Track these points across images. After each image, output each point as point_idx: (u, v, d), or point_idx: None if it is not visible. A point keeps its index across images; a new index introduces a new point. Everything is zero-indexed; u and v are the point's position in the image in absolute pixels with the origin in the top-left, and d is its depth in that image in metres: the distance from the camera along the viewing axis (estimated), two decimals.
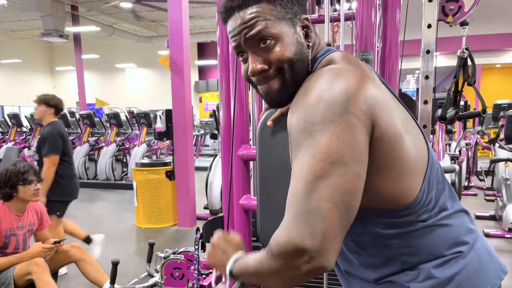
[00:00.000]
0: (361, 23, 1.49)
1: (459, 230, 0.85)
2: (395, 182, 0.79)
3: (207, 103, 17.24)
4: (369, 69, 0.84)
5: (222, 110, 1.92)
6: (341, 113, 0.70)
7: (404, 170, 0.79)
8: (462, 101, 4.38)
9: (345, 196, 0.69)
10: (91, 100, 13.43)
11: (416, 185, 0.80)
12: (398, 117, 0.79)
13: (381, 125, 0.75)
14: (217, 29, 1.90)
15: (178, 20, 4.88)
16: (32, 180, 2.57)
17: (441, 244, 0.82)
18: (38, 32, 13.11)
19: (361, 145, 0.72)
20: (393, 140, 0.76)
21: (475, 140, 7.37)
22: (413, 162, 0.80)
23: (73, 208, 2.64)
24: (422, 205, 0.81)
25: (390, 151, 0.77)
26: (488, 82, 13.56)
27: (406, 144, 0.78)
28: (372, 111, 0.74)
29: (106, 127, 9.21)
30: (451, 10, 1.78)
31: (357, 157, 0.71)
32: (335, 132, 0.70)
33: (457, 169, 4.71)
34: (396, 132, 0.77)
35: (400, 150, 0.77)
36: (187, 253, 2.60)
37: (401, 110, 0.83)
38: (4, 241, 2.51)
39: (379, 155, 0.76)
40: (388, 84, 0.90)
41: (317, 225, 0.67)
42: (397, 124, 0.77)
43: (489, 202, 5.96)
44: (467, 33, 1.93)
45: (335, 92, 0.72)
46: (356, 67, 0.80)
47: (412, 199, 0.80)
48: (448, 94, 2.07)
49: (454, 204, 0.87)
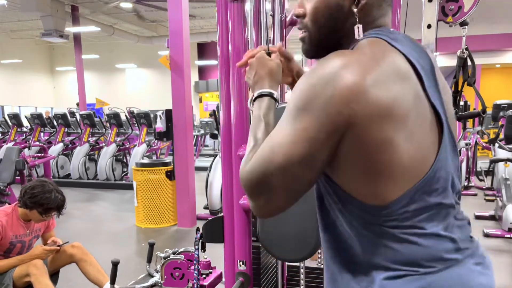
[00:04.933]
0: None
1: (427, 252, 0.77)
2: (368, 183, 0.76)
3: (207, 103, 17.25)
4: (392, 64, 0.77)
5: (222, 110, 1.92)
6: (321, 110, 0.73)
7: (384, 174, 0.75)
8: (462, 101, 4.38)
9: (291, 183, 0.79)
10: (91, 100, 13.43)
11: (393, 192, 0.76)
12: (398, 122, 0.74)
13: (361, 129, 0.72)
14: (217, 29, 1.90)
15: (178, 20, 4.88)
16: (49, 216, 2.53)
17: (401, 258, 0.77)
18: (38, 32, 13.11)
19: (322, 147, 0.75)
20: (374, 145, 0.73)
21: (475, 140, 7.37)
22: (400, 170, 0.75)
23: (74, 208, 2.64)
24: (393, 213, 0.77)
25: (367, 154, 0.74)
26: (488, 82, 13.56)
27: (397, 150, 0.74)
28: (353, 115, 0.72)
29: (106, 127, 9.22)
30: (451, 10, 1.78)
31: (308, 162, 0.76)
32: (302, 125, 0.75)
33: None
34: (382, 139, 0.73)
35: (383, 155, 0.74)
36: (187, 253, 2.60)
37: (415, 114, 0.76)
38: (8, 247, 2.50)
39: (346, 154, 0.75)
40: (434, 74, 0.85)
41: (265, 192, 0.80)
42: (388, 130, 0.73)
43: (489, 202, 5.97)
44: (467, 33, 1.93)
45: (327, 86, 0.73)
46: (369, 61, 0.75)
47: (385, 204, 0.76)
48: None
49: (437, 227, 0.78)
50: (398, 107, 0.74)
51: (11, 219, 2.48)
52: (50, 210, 2.48)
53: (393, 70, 0.76)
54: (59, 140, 8.75)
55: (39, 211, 2.45)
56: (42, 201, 2.42)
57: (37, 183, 2.50)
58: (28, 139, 8.89)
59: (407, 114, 0.75)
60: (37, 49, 18.90)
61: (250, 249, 1.89)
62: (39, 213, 2.46)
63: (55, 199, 2.46)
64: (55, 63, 20.03)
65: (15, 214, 2.51)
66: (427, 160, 0.77)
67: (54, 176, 8.10)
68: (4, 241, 2.45)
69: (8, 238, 2.47)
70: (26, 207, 2.45)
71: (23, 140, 8.86)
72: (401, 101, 0.75)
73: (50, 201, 2.44)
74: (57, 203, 2.48)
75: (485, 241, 4.35)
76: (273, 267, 2.32)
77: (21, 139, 8.90)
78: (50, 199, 2.44)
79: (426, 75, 0.81)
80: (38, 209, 2.44)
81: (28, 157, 5.89)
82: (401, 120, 0.74)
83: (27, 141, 8.54)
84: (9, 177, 5.15)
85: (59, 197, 2.50)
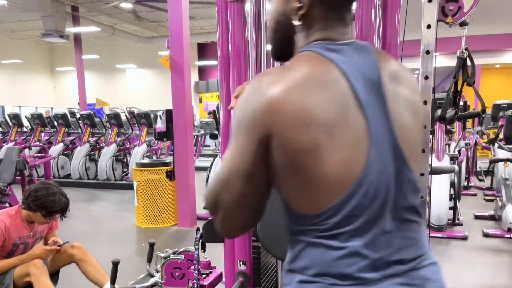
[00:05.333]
0: (361, 24, 1.50)
1: (339, 266, 0.77)
2: (298, 193, 0.79)
3: (207, 103, 17.25)
4: (313, 75, 0.79)
5: (222, 110, 1.92)
6: (248, 125, 0.78)
7: (309, 184, 0.77)
8: (462, 101, 4.39)
9: (230, 203, 0.83)
10: (91, 100, 13.44)
11: (319, 204, 0.77)
12: (318, 131, 0.74)
13: (282, 138, 0.75)
14: (217, 29, 1.90)
15: (178, 20, 4.89)
16: (53, 218, 2.53)
17: (316, 266, 0.78)
18: (38, 33, 13.11)
19: (255, 159, 0.79)
20: (297, 155, 0.75)
21: (475, 140, 7.37)
22: (324, 182, 0.75)
23: (74, 208, 2.64)
24: (316, 223, 0.78)
25: (293, 164, 0.76)
26: (487, 82, 13.56)
27: (320, 162, 0.74)
28: (274, 125, 0.76)
29: (106, 127, 9.22)
30: (450, 10, 1.78)
31: (246, 177, 0.80)
32: (238, 142, 0.80)
33: (456, 169, 4.73)
34: (303, 148, 0.74)
35: (306, 165, 0.75)
36: (187, 253, 2.60)
37: (343, 125, 0.76)
38: (11, 249, 2.50)
39: (277, 164, 0.79)
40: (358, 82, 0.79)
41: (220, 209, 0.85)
42: (309, 139, 0.74)
43: (489, 202, 5.97)
44: (466, 34, 1.94)
45: (252, 103, 0.78)
46: (288, 75, 0.78)
47: (311, 214, 0.78)
48: (448, 95, 2.08)
49: (357, 242, 0.76)
50: (317, 116, 0.75)
51: (14, 220, 2.48)
52: (54, 213, 2.47)
53: (314, 81, 0.78)
54: (59, 140, 8.75)
55: (43, 213, 2.44)
56: (46, 204, 2.41)
57: (41, 185, 2.49)
58: (29, 139, 8.89)
59: (328, 123, 0.75)
60: (37, 49, 18.89)
61: (250, 249, 1.89)
62: (43, 215, 2.45)
63: (59, 202, 2.45)
64: (56, 63, 20.03)
65: (19, 215, 2.51)
66: (354, 174, 0.76)
67: (54, 176, 8.10)
68: (7, 242, 2.45)
69: (12, 240, 2.47)
70: (30, 209, 2.44)
71: (23, 140, 8.86)
72: (321, 110, 0.75)
73: (54, 204, 2.43)
74: (61, 206, 2.46)
75: (484, 241, 4.35)
76: (273, 267, 2.32)
77: (22, 139, 8.91)
78: (54, 202, 2.43)
79: (364, 85, 0.79)
80: (42, 211, 2.43)
81: (28, 157, 5.88)
82: (322, 130, 0.75)
83: (27, 141, 8.55)
84: (10, 177, 5.14)
85: (63, 200, 2.49)
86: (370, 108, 0.78)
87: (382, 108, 0.80)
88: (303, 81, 0.77)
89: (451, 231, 4.54)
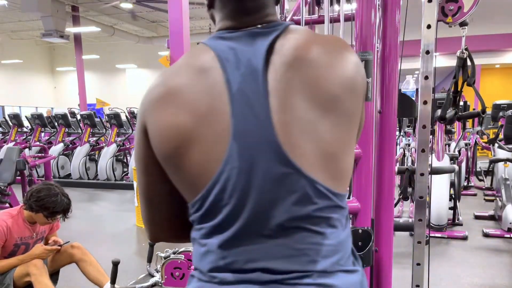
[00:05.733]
0: (361, 24, 1.50)
1: (196, 260, 0.77)
2: (176, 182, 0.78)
3: None
4: (191, 66, 0.76)
5: None
6: (137, 124, 0.80)
7: (178, 173, 0.76)
8: (462, 101, 4.39)
9: (144, 198, 0.85)
10: (91, 100, 13.44)
11: (189, 197, 0.76)
12: (186, 121, 0.71)
13: (150, 124, 0.76)
14: None
15: (178, 20, 4.89)
16: (55, 219, 2.54)
17: (194, 257, 0.79)
18: (38, 33, 13.12)
19: (143, 154, 0.80)
20: (161, 140, 0.75)
21: (475, 140, 7.37)
22: (188, 178, 0.74)
23: (74, 208, 2.64)
24: (191, 215, 0.78)
25: (158, 151, 0.76)
26: (487, 83, 13.57)
27: (184, 158, 0.72)
28: (147, 122, 0.76)
29: (106, 127, 9.22)
30: (450, 10, 1.78)
31: (143, 167, 0.82)
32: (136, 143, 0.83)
33: (456, 169, 4.73)
34: (166, 134, 0.73)
35: (173, 159, 0.74)
36: (187, 253, 2.60)
37: (210, 119, 0.71)
38: (13, 249, 2.50)
39: (155, 152, 0.78)
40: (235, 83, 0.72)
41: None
42: (172, 126, 0.72)
43: (489, 202, 5.97)
44: (466, 34, 1.94)
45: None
46: (169, 67, 0.80)
47: (188, 204, 0.78)
48: (448, 95, 2.08)
49: (212, 240, 0.74)
50: (183, 103, 0.72)
51: (16, 221, 2.48)
52: (56, 214, 2.47)
53: (185, 69, 0.76)
54: (59, 140, 8.75)
55: (45, 214, 2.44)
56: (48, 204, 2.41)
57: (43, 186, 2.49)
58: (29, 139, 8.89)
59: (195, 112, 0.71)
60: (37, 49, 18.91)
61: None
62: (45, 216, 2.45)
63: (61, 203, 2.45)
64: (56, 63, 20.04)
65: (21, 216, 2.51)
66: (212, 169, 0.71)
67: (54, 176, 8.10)
68: (8, 243, 2.45)
69: (13, 240, 2.47)
70: (32, 210, 2.44)
71: (23, 140, 8.86)
72: (187, 98, 0.72)
73: (56, 204, 2.43)
74: (63, 206, 2.47)
75: (484, 241, 4.36)
76: None
77: (22, 139, 8.90)
78: (56, 202, 2.43)
79: (244, 74, 0.72)
80: (44, 212, 2.43)
81: (28, 157, 5.89)
82: (187, 118, 0.72)
83: (27, 141, 8.54)
84: (10, 177, 5.14)
85: (65, 200, 2.49)
86: (238, 100, 0.70)
87: (260, 100, 0.70)
88: (176, 70, 0.77)
89: (451, 231, 4.54)
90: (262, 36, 0.75)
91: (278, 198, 0.70)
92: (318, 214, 0.71)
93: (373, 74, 1.49)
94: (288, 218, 0.70)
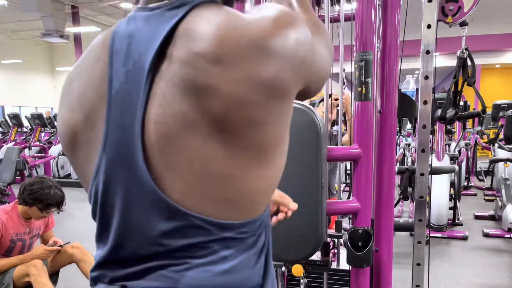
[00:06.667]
0: (361, 24, 1.50)
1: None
2: None
3: None
4: (89, 56, 0.67)
5: None
6: None
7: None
8: (462, 101, 4.39)
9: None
10: None
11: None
12: (75, 122, 0.65)
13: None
14: None
15: None
16: (49, 212, 2.55)
17: None
18: (38, 33, 13.12)
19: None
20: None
21: (475, 140, 7.37)
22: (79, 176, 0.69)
23: (74, 208, 2.64)
24: None
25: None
26: (487, 83, 13.56)
27: (73, 159, 0.68)
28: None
29: None
30: (450, 10, 1.78)
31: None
32: None
33: (456, 169, 4.72)
34: (63, 132, 0.68)
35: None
36: None
37: (94, 119, 0.63)
38: (9, 245, 2.51)
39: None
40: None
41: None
42: (66, 123, 0.67)
43: (489, 202, 5.98)
44: (466, 34, 1.94)
45: None
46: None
47: None
48: (448, 94, 2.08)
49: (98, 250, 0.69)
50: (74, 100, 0.65)
51: (11, 217, 2.50)
52: (50, 206, 2.49)
53: (85, 60, 0.67)
54: (59, 140, 8.74)
55: (39, 207, 2.46)
56: (41, 197, 2.44)
57: (36, 180, 2.52)
58: (29, 139, 8.88)
59: (83, 112, 0.63)
60: (37, 49, 18.90)
61: None
62: (39, 209, 2.47)
63: (54, 195, 2.48)
64: (56, 63, 20.04)
65: (15, 212, 2.52)
66: (88, 179, 0.65)
67: (54, 176, 8.10)
68: (4, 239, 2.46)
69: (9, 236, 2.48)
70: (26, 204, 2.46)
71: (23, 140, 8.85)
72: (77, 95, 0.64)
73: (50, 196, 2.45)
74: (56, 198, 2.49)
75: (484, 241, 4.36)
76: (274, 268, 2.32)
77: (22, 139, 8.90)
78: (49, 194, 2.45)
79: (130, 70, 0.58)
80: (38, 205, 2.45)
81: (28, 157, 5.89)
82: (77, 119, 0.64)
83: (27, 141, 8.54)
84: (10, 177, 5.15)
85: (58, 193, 2.52)
86: (115, 105, 0.59)
87: (134, 108, 0.56)
88: (83, 56, 0.68)
89: (451, 231, 4.54)
90: (166, 18, 0.58)
91: (146, 218, 0.60)
92: (170, 235, 0.60)
93: (373, 74, 1.49)
94: (146, 244, 0.61)
